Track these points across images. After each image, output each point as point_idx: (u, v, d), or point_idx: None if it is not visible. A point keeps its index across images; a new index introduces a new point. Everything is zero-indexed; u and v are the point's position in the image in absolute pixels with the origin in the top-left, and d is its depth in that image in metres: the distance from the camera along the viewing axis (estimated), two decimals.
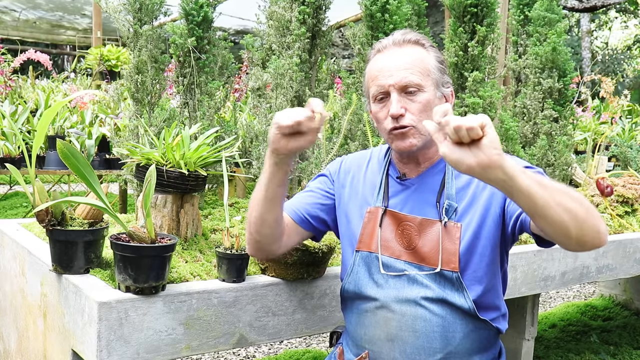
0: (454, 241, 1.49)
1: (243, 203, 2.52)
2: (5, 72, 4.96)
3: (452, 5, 2.53)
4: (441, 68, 1.56)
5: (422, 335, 1.50)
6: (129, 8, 2.34)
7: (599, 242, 1.30)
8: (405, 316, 1.51)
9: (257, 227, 1.54)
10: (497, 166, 1.15)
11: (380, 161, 1.68)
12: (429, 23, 2.89)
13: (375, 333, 1.55)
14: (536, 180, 1.20)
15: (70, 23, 11.69)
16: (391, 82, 1.49)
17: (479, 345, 1.55)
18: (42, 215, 1.60)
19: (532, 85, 2.88)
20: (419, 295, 1.50)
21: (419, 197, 1.57)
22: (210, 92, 2.42)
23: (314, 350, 3.28)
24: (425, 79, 1.50)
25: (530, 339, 2.62)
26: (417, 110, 1.49)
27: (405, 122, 1.48)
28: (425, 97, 1.49)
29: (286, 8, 2.29)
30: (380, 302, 1.54)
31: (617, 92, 10.35)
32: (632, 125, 5.98)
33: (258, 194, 1.50)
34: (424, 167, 1.59)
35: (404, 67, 1.49)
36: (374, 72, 1.54)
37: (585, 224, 1.25)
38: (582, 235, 1.26)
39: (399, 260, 1.54)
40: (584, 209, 1.25)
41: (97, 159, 3.99)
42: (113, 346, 1.51)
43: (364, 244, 1.59)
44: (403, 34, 1.55)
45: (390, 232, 1.57)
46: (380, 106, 1.53)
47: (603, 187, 2.98)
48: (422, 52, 1.53)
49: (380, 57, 1.55)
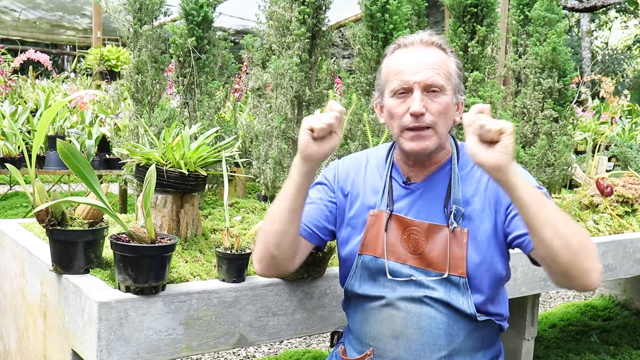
0: (461, 246, 1.49)
1: (243, 203, 2.52)
2: (5, 72, 4.96)
3: (452, 5, 2.53)
4: (459, 74, 1.56)
5: (427, 332, 1.50)
6: (129, 8, 2.34)
7: (587, 282, 1.32)
8: (410, 313, 1.51)
9: (277, 240, 1.48)
10: (503, 170, 1.26)
11: (380, 163, 1.65)
12: (429, 23, 2.89)
13: (380, 330, 1.55)
14: (537, 200, 1.28)
15: (70, 23, 11.69)
16: (417, 79, 1.47)
17: (482, 343, 1.56)
18: (42, 215, 1.60)
19: (532, 85, 2.88)
20: (424, 295, 1.51)
21: (425, 202, 1.55)
22: (210, 92, 2.42)
23: (314, 350, 3.28)
24: (447, 82, 1.50)
25: (530, 339, 2.62)
26: (436, 111, 1.48)
27: (425, 122, 1.47)
28: (445, 100, 1.49)
29: (286, 8, 2.29)
30: (386, 300, 1.54)
31: (617, 92, 10.35)
32: (632, 125, 5.99)
33: (283, 205, 1.46)
34: (430, 171, 1.57)
35: (432, 66, 1.48)
36: (397, 67, 1.51)
37: (575, 257, 1.29)
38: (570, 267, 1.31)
39: (405, 265, 1.53)
40: (578, 243, 1.29)
41: (97, 159, 3.98)
42: (113, 346, 1.51)
43: (367, 247, 1.57)
44: (430, 35, 1.55)
45: (396, 236, 1.55)
46: (399, 102, 1.50)
47: (603, 187, 2.98)
48: (445, 57, 1.54)
49: (406, 53, 1.53)
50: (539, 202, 1.28)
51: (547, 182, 2.84)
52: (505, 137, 1.25)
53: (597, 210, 3.01)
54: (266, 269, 1.56)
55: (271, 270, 1.57)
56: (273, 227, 1.48)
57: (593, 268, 1.31)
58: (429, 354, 1.50)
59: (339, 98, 3.27)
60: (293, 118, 2.32)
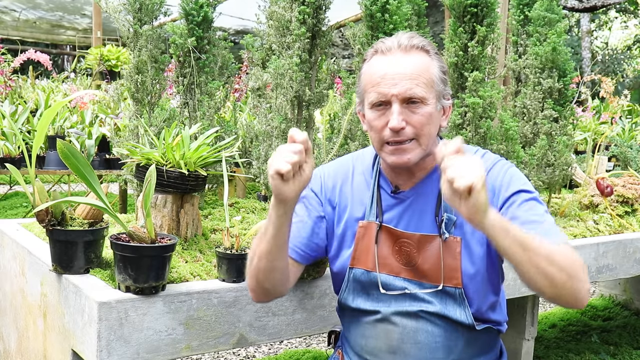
0: (454, 256, 1.44)
1: (243, 203, 2.52)
2: (5, 72, 4.95)
3: (452, 5, 2.53)
4: (444, 79, 1.47)
5: (425, 347, 1.47)
6: (129, 8, 2.34)
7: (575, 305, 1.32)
8: (406, 328, 1.47)
9: (266, 275, 1.44)
10: (476, 223, 1.21)
11: (367, 170, 1.58)
12: (429, 23, 2.89)
13: (377, 345, 1.51)
14: (519, 242, 1.24)
15: (70, 23, 11.69)
16: (394, 91, 1.39)
17: (481, 350, 1.54)
18: (42, 215, 1.60)
19: (532, 85, 2.88)
20: (419, 309, 1.47)
21: (415, 211, 1.50)
22: (210, 92, 2.42)
23: (314, 350, 3.28)
24: (429, 91, 1.41)
25: (530, 339, 2.62)
26: (418, 123, 1.40)
27: (405, 136, 1.40)
28: (427, 110, 1.41)
29: (286, 8, 2.29)
30: (381, 315, 1.50)
31: (617, 92, 10.35)
32: (632, 125, 5.98)
33: (266, 245, 1.39)
34: (418, 178, 1.51)
35: (410, 76, 1.39)
36: (375, 77, 1.42)
37: (563, 290, 1.27)
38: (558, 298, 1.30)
39: (398, 277, 1.49)
40: (565, 275, 1.26)
41: (97, 159, 3.98)
42: (113, 346, 1.51)
43: (358, 260, 1.52)
44: (409, 38, 1.44)
45: (387, 248, 1.50)
46: (377, 114, 1.43)
47: (603, 187, 2.98)
48: (427, 61, 1.44)
49: (384, 61, 1.43)
50: (520, 243, 1.24)
51: (547, 182, 2.84)
52: (474, 194, 1.17)
53: (597, 210, 3.01)
54: (261, 297, 1.53)
55: (266, 298, 1.54)
56: (261, 265, 1.42)
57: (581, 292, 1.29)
58: None
59: (339, 98, 3.27)
60: (293, 118, 2.32)
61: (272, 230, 1.36)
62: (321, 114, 4.54)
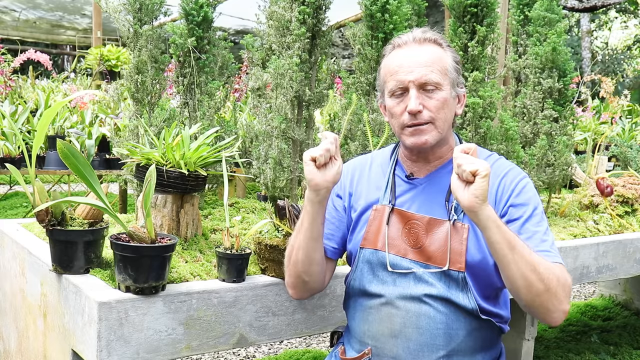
0: (461, 241, 1.51)
1: (243, 203, 2.52)
2: (5, 72, 4.96)
3: (452, 5, 2.53)
4: (457, 68, 1.58)
5: (426, 332, 1.51)
6: (129, 8, 2.34)
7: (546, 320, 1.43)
8: (409, 313, 1.52)
9: (305, 267, 1.57)
10: (474, 211, 1.34)
11: (385, 162, 1.69)
12: (429, 23, 2.89)
13: (379, 329, 1.56)
14: (508, 241, 1.36)
15: (70, 23, 11.69)
16: (411, 78, 1.50)
17: (482, 344, 1.55)
18: (42, 215, 1.60)
19: (532, 85, 2.88)
20: (423, 293, 1.51)
21: (427, 197, 1.58)
22: (210, 92, 2.42)
23: (314, 350, 3.28)
24: (443, 77, 1.52)
25: (530, 339, 2.62)
26: (434, 107, 1.51)
27: (423, 119, 1.51)
28: (442, 95, 1.51)
29: (286, 8, 2.29)
30: (385, 299, 1.54)
31: (617, 92, 10.35)
32: (632, 125, 5.99)
33: (302, 236, 1.53)
34: (433, 166, 1.60)
35: (425, 64, 1.51)
36: (393, 67, 1.54)
37: (538, 299, 1.38)
38: (531, 306, 1.41)
39: (405, 258, 1.55)
40: (542, 286, 1.37)
41: (97, 159, 3.98)
42: (113, 346, 1.51)
43: (368, 241, 1.59)
44: (423, 32, 1.56)
45: (397, 230, 1.57)
46: (397, 101, 1.54)
47: (603, 187, 2.98)
48: (441, 52, 1.55)
49: (400, 53, 1.55)
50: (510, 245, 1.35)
51: (547, 182, 2.84)
52: (478, 179, 1.31)
53: (597, 210, 3.01)
54: (301, 294, 1.65)
55: (306, 293, 1.66)
56: (298, 257, 1.56)
57: (556, 309, 1.39)
58: (427, 354, 1.51)
59: (339, 98, 3.26)
60: (293, 118, 2.32)
61: (308, 220, 1.51)
62: (321, 114, 4.55)
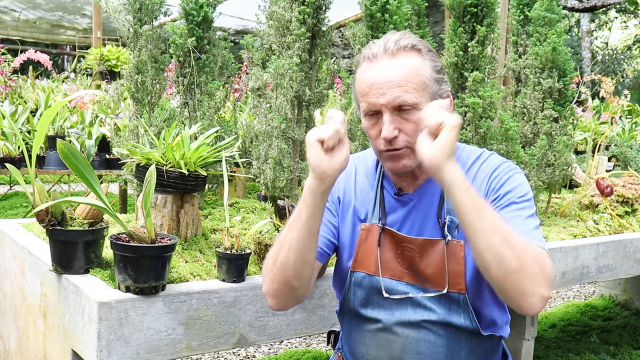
0: (458, 261, 1.40)
1: (243, 203, 2.52)
2: (5, 72, 4.96)
3: (452, 5, 2.53)
4: (438, 78, 1.40)
5: (427, 357, 1.44)
6: (129, 8, 2.34)
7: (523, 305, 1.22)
8: (408, 339, 1.44)
9: (296, 271, 1.34)
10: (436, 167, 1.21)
11: (370, 172, 1.55)
12: (429, 23, 2.89)
13: (378, 354, 1.49)
14: (478, 208, 1.21)
15: (70, 23, 11.69)
16: (383, 101, 1.34)
17: (484, 356, 1.51)
18: (42, 215, 1.60)
19: (532, 85, 2.88)
20: (422, 319, 1.43)
21: (418, 214, 1.46)
22: (210, 92, 2.42)
23: (314, 350, 3.28)
24: (421, 94, 1.35)
25: (530, 339, 2.62)
26: (411, 131, 1.35)
27: (398, 145, 1.37)
28: (420, 116, 1.32)
29: (286, 8, 2.29)
30: (383, 324, 1.46)
31: (617, 92, 10.35)
32: (632, 125, 5.99)
33: (297, 233, 1.31)
34: (421, 180, 1.47)
35: (398, 83, 1.34)
36: (363, 87, 1.38)
37: (510, 277, 1.20)
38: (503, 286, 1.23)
39: (400, 282, 1.45)
40: (517, 264, 1.19)
41: (97, 159, 3.98)
42: (113, 346, 1.51)
43: (359, 264, 1.48)
44: (396, 41, 1.38)
45: (390, 251, 1.47)
46: (371, 123, 1.39)
47: (603, 187, 2.99)
48: (418, 61, 1.37)
49: (372, 69, 1.38)
50: (479, 210, 1.20)
51: (547, 182, 2.84)
52: (443, 131, 1.18)
53: (597, 210, 3.01)
54: (285, 303, 1.42)
55: (290, 303, 1.43)
56: (290, 259, 1.33)
57: (533, 292, 1.20)
58: None
59: (339, 98, 3.27)
60: (293, 118, 2.32)
61: (306, 214, 1.29)
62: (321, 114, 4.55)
